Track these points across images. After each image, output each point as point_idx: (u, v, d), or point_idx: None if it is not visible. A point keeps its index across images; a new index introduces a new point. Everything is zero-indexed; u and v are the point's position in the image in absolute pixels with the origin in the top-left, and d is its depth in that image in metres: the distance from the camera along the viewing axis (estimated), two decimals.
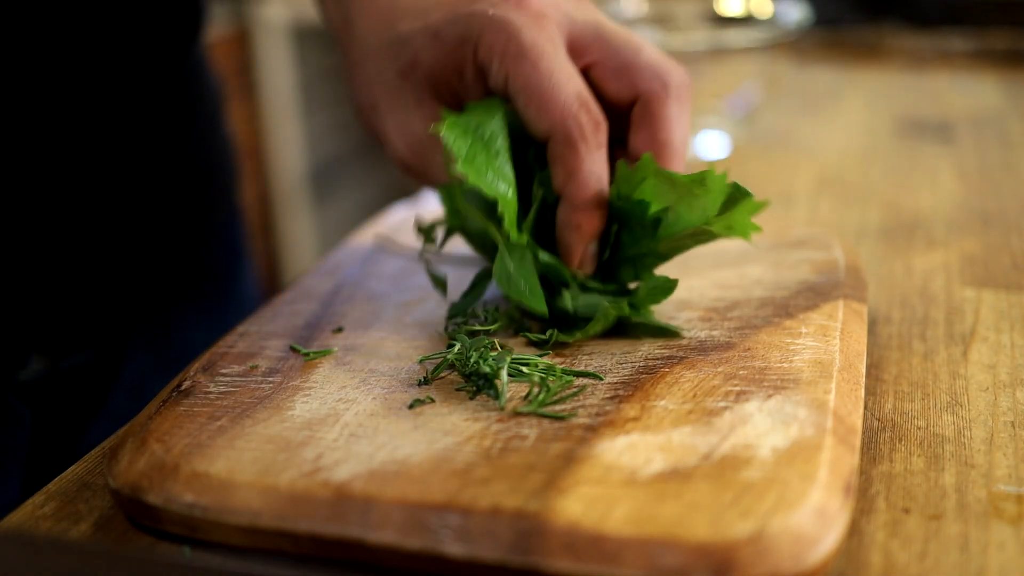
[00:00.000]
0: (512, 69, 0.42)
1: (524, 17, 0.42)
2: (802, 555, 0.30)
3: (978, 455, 0.39)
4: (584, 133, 0.41)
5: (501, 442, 0.35)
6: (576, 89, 0.42)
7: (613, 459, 0.34)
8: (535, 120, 0.42)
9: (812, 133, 0.85)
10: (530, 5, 0.43)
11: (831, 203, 0.68)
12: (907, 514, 0.35)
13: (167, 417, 0.38)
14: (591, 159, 0.42)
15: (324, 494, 0.33)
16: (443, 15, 0.44)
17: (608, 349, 0.42)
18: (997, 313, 0.50)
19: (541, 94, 0.41)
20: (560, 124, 0.41)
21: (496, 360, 0.40)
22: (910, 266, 0.57)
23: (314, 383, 0.40)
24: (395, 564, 0.32)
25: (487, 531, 0.31)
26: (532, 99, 0.42)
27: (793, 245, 0.51)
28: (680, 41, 0.81)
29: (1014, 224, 0.62)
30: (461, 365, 0.40)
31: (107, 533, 0.36)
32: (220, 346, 0.44)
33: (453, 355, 0.41)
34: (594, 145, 0.42)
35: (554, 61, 0.42)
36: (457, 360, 0.41)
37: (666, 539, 0.30)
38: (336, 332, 0.45)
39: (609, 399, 0.38)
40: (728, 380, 0.38)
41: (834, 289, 0.46)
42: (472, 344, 0.41)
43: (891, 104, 0.93)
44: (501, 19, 0.42)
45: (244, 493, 0.34)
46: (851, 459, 0.34)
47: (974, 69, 1.04)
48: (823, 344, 0.41)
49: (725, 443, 0.34)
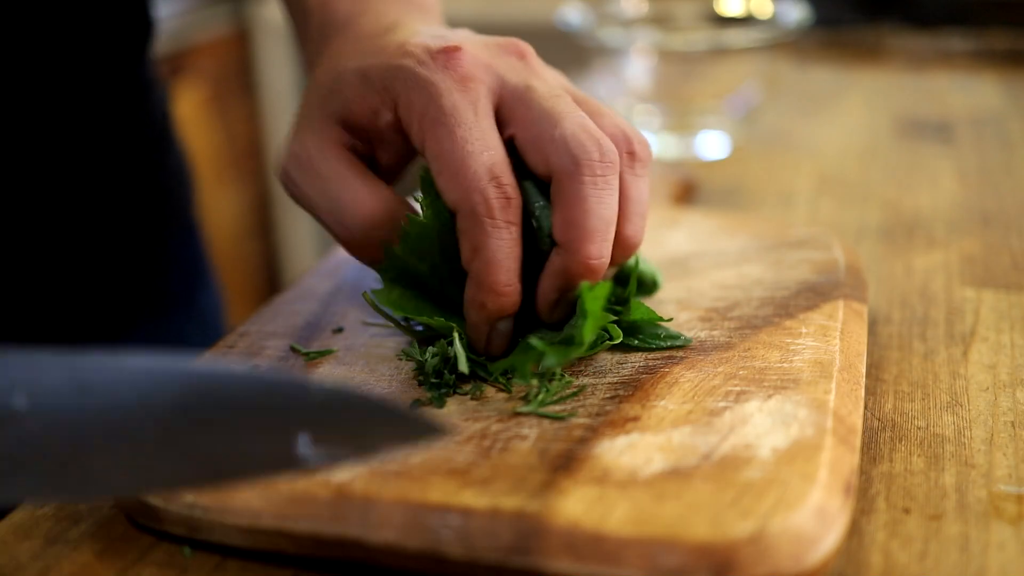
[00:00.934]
0: (429, 133, 0.41)
1: (448, 80, 0.41)
2: (802, 555, 0.30)
3: (978, 455, 0.39)
4: (490, 209, 0.39)
5: (501, 442, 0.35)
6: (489, 162, 0.40)
7: (613, 459, 0.34)
8: (445, 191, 0.40)
9: (812, 133, 0.85)
10: (459, 66, 0.41)
11: (831, 203, 0.68)
12: (907, 514, 0.35)
13: None
14: (497, 236, 0.39)
15: (324, 494, 0.33)
16: (378, 60, 0.43)
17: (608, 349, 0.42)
18: (997, 313, 0.50)
19: (452, 164, 0.40)
20: (466, 198, 0.39)
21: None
22: (910, 266, 0.57)
23: None
24: (395, 564, 0.32)
25: (487, 531, 0.31)
26: (444, 168, 0.40)
27: (793, 245, 0.51)
28: (680, 41, 0.81)
29: (1014, 224, 0.62)
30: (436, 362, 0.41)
31: (107, 533, 0.36)
32: (220, 346, 0.44)
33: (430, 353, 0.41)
34: (501, 222, 0.39)
35: (471, 130, 0.40)
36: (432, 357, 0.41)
37: (666, 539, 0.30)
38: (336, 332, 0.45)
39: (609, 399, 0.38)
40: (728, 380, 0.38)
41: (834, 289, 0.46)
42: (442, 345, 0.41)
43: (891, 104, 0.93)
44: (425, 79, 0.41)
45: (244, 493, 0.34)
46: (851, 459, 0.34)
47: (974, 69, 1.04)
48: (823, 344, 0.41)
49: (725, 443, 0.34)
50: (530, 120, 0.41)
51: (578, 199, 0.39)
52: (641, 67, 0.81)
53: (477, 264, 0.40)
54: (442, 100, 0.40)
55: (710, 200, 0.70)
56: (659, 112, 0.81)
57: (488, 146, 0.40)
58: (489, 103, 0.41)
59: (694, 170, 0.76)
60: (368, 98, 0.43)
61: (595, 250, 0.39)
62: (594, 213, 0.39)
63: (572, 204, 0.39)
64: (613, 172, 0.40)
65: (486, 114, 0.41)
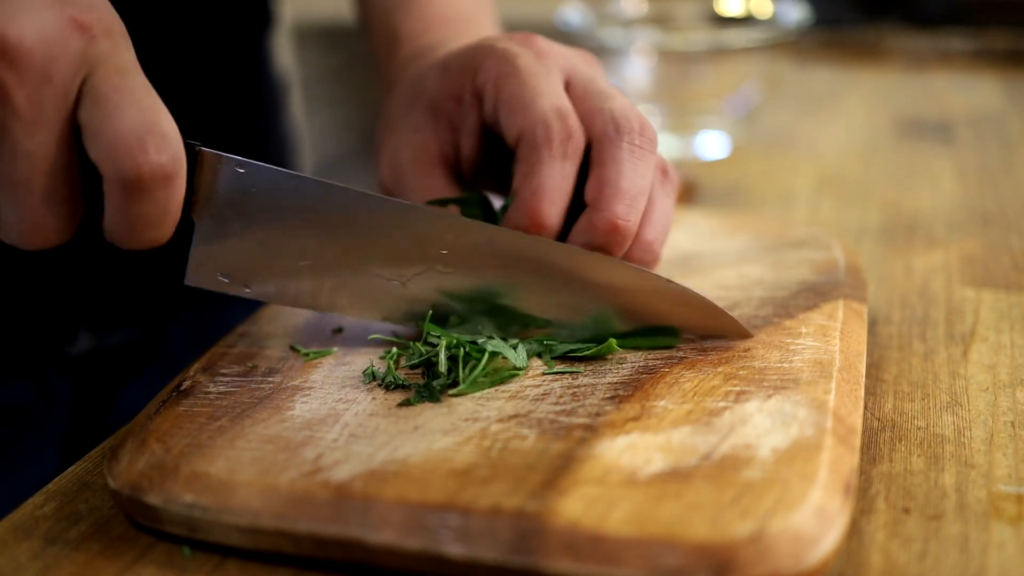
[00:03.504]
0: (502, 86, 0.43)
1: (525, 49, 0.44)
2: (802, 555, 0.30)
3: (978, 455, 0.39)
4: (551, 137, 0.41)
5: (501, 442, 0.35)
6: (557, 102, 0.42)
7: (613, 459, 0.34)
8: (510, 126, 0.42)
9: (812, 133, 0.85)
10: (535, 43, 0.44)
11: (831, 203, 0.68)
12: (907, 514, 0.35)
13: (167, 417, 0.38)
14: (552, 165, 0.41)
15: (324, 494, 0.33)
16: (456, 51, 0.46)
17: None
18: (997, 313, 0.50)
19: (522, 101, 0.42)
20: (530, 127, 0.41)
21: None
22: (910, 266, 0.57)
23: (314, 383, 0.40)
24: (395, 565, 0.32)
25: (487, 531, 0.31)
26: (513, 107, 0.42)
27: (793, 245, 0.51)
28: (680, 41, 0.81)
29: (1014, 224, 0.62)
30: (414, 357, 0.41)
31: (107, 533, 0.36)
32: (220, 346, 0.44)
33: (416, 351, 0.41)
34: (559, 153, 0.41)
35: (541, 80, 0.43)
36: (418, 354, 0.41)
37: (666, 539, 0.30)
38: (336, 332, 0.45)
39: (609, 399, 0.38)
40: (728, 380, 0.38)
41: (834, 289, 0.46)
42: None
43: (891, 104, 0.93)
44: (503, 49, 0.44)
45: (244, 493, 0.34)
46: (851, 459, 0.34)
47: (974, 69, 1.04)
48: (823, 344, 0.41)
49: (725, 443, 0.34)
50: (587, 95, 0.43)
51: (614, 161, 0.41)
52: (641, 67, 0.81)
53: (525, 190, 0.41)
54: (518, 61, 0.43)
55: (710, 200, 0.70)
56: (659, 112, 0.81)
57: (558, 94, 0.42)
58: (560, 76, 0.44)
59: (694, 170, 0.76)
60: (450, 84, 0.45)
61: (623, 210, 0.41)
62: (627, 175, 0.41)
63: (607, 164, 0.41)
64: (651, 149, 0.42)
65: (557, 78, 0.43)
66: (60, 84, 0.34)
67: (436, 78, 0.46)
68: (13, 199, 0.35)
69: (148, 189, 0.35)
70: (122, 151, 0.34)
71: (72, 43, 0.34)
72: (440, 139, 0.46)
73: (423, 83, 0.47)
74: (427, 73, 0.47)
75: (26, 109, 0.33)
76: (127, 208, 0.35)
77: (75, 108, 0.35)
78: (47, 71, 0.34)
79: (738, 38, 0.80)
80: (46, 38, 0.33)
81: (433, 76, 0.46)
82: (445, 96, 0.46)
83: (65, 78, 0.34)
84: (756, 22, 0.85)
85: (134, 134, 0.34)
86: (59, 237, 0.36)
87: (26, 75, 0.33)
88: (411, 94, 0.47)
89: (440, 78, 0.46)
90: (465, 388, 0.39)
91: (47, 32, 0.34)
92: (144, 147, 0.34)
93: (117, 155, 0.34)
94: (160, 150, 0.34)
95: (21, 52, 0.33)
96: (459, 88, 0.45)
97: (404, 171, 0.47)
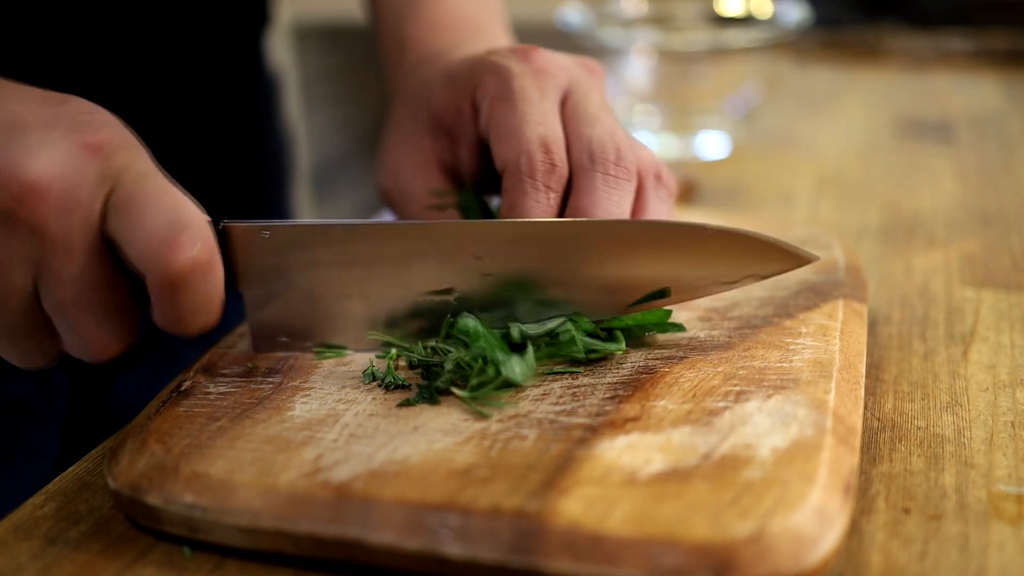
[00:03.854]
0: (494, 108, 0.43)
1: (524, 68, 0.44)
2: (802, 555, 0.30)
3: (978, 455, 0.39)
4: (534, 170, 0.41)
5: (501, 442, 0.35)
6: (544, 132, 0.42)
7: (613, 459, 0.34)
8: (497, 153, 0.43)
9: (812, 133, 0.85)
10: (535, 60, 0.44)
11: (831, 203, 0.68)
12: (907, 514, 0.35)
13: (167, 418, 0.38)
14: (535, 197, 0.42)
15: (324, 494, 0.33)
16: (461, 61, 0.47)
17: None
18: (997, 313, 0.50)
19: (509, 129, 0.42)
20: (514, 158, 0.42)
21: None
22: (910, 266, 0.57)
23: (314, 383, 0.40)
24: (395, 565, 0.32)
25: (487, 531, 0.31)
26: (500, 135, 0.43)
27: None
28: (680, 41, 0.81)
29: (1014, 224, 0.62)
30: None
31: (107, 533, 0.36)
32: (220, 346, 0.44)
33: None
34: (542, 186, 0.42)
35: (532, 106, 0.43)
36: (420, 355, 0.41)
37: (666, 539, 0.30)
38: None
39: (609, 399, 0.38)
40: (728, 380, 0.38)
41: (834, 289, 0.46)
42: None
43: (891, 104, 0.93)
44: (502, 66, 0.44)
45: (244, 493, 0.34)
46: (851, 459, 0.34)
47: (974, 69, 1.04)
48: (823, 344, 0.41)
49: (725, 443, 0.34)
50: (574, 116, 0.43)
51: (588, 191, 0.41)
52: (641, 67, 0.81)
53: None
54: (513, 82, 0.43)
55: (710, 200, 0.70)
56: (659, 112, 0.81)
57: (546, 123, 0.43)
58: (557, 95, 0.44)
59: (694, 170, 0.76)
60: (452, 95, 0.46)
61: None
62: (599, 205, 0.41)
63: (581, 194, 0.42)
64: (626, 178, 0.42)
65: (552, 101, 0.44)
66: (86, 206, 0.35)
67: (440, 88, 0.47)
68: (69, 322, 0.37)
69: (189, 283, 0.36)
70: (155, 253, 0.35)
71: (89, 167, 0.35)
72: (441, 147, 0.47)
73: (428, 92, 0.47)
74: (432, 82, 0.47)
75: (60, 238, 0.35)
76: (174, 302, 0.36)
77: (103, 224, 0.36)
78: (72, 198, 0.35)
79: (738, 38, 0.80)
80: (65, 168, 0.35)
81: (438, 86, 0.47)
82: (447, 107, 0.46)
83: (89, 200, 0.35)
84: (756, 22, 0.85)
85: (163, 234, 0.35)
86: (122, 345, 0.38)
87: (52, 207, 0.35)
88: (415, 102, 0.48)
89: (443, 88, 0.46)
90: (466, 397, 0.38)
91: (65, 162, 0.35)
92: (176, 244, 0.35)
93: (152, 258, 0.35)
94: (192, 243, 0.35)
95: (44, 187, 0.34)
96: (460, 100, 0.46)
97: (405, 176, 0.47)
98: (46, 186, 0.34)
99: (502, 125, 0.43)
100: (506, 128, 0.42)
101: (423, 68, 0.51)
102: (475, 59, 0.46)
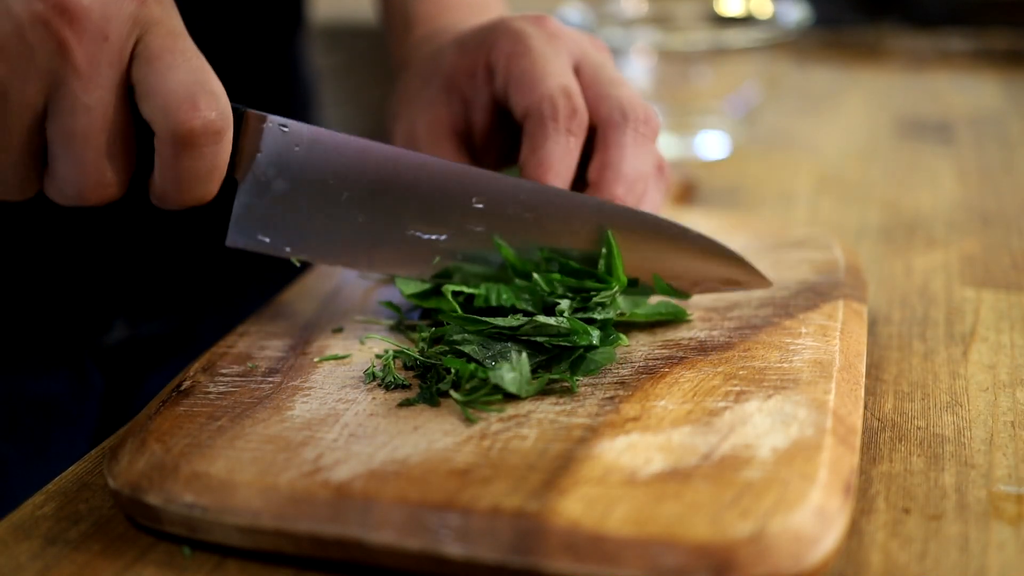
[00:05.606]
0: (513, 64, 0.44)
1: (538, 30, 0.45)
2: (802, 555, 0.30)
3: (978, 455, 0.39)
4: (557, 113, 0.43)
5: (501, 442, 0.35)
6: (564, 81, 0.43)
7: (613, 459, 0.34)
8: (518, 102, 0.44)
9: (812, 133, 0.85)
10: (548, 24, 0.46)
11: (831, 203, 0.68)
12: (907, 514, 0.35)
13: (167, 417, 0.38)
14: (557, 140, 0.43)
15: (324, 494, 0.33)
16: (472, 29, 0.48)
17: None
18: (997, 313, 0.50)
19: (531, 78, 0.43)
20: (537, 103, 0.43)
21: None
22: (910, 266, 0.57)
23: (314, 383, 0.40)
24: (395, 565, 0.32)
25: (487, 531, 0.31)
26: (521, 84, 0.44)
27: (793, 245, 0.51)
28: (680, 41, 0.81)
29: (1014, 224, 0.62)
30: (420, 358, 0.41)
31: (107, 533, 0.36)
32: (220, 346, 0.44)
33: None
34: (564, 128, 0.43)
35: (551, 60, 0.44)
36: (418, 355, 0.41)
37: (666, 539, 0.30)
38: (336, 332, 0.45)
39: (609, 399, 0.38)
40: (728, 380, 0.38)
41: (834, 289, 0.46)
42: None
43: (891, 104, 0.93)
44: (517, 28, 0.45)
45: (244, 493, 0.34)
46: (851, 459, 0.34)
47: (974, 69, 1.04)
48: (823, 344, 0.41)
49: (725, 443, 0.34)
50: (596, 81, 0.45)
51: (618, 145, 0.43)
52: (641, 67, 0.81)
53: (531, 163, 0.43)
54: (530, 42, 0.45)
55: (710, 200, 0.70)
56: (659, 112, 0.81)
57: (566, 73, 0.44)
58: (569, 59, 0.45)
59: (694, 170, 0.76)
60: (464, 61, 0.47)
61: (622, 192, 0.43)
62: (629, 160, 0.43)
63: (611, 148, 0.43)
64: (653, 139, 0.44)
65: (566, 61, 0.45)
66: (116, 42, 0.36)
67: (452, 54, 0.47)
68: (71, 152, 0.37)
69: (198, 144, 0.36)
70: (174, 107, 0.36)
71: (126, 5, 0.36)
72: (453, 112, 0.48)
73: (439, 59, 0.48)
74: (444, 50, 0.48)
75: (84, 65, 0.35)
76: (177, 163, 0.37)
77: (129, 67, 0.37)
78: (104, 29, 0.35)
79: (738, 38, 0.80)
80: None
81: (450, 52, 0.48)
82: (460, 71, 0.47)
83: (120, 37, 0.36)
84: (756, 22, 0.85)
85: (185, 91, 0.36)
86: (114, 191, 0.38)
87: (84, 32, 0.35)
88: (427, 70, 0.49)
89: (456, 54, 0.47)
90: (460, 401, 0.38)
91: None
92: (195, 104, 0.36)
93: (169, 111, 0.36)
94: (210, 107, 0.36)
95: (80, 10, 0.35)
96: (473, 64, 0.46)
97: (418, 142, 0.48)
98: (84, 9, 0.35)
99: (523, 75, 0.44)
100: (528, 77, 0.44)
101: (432, 40, 0.52)
102: (488, 25, 0.47)
